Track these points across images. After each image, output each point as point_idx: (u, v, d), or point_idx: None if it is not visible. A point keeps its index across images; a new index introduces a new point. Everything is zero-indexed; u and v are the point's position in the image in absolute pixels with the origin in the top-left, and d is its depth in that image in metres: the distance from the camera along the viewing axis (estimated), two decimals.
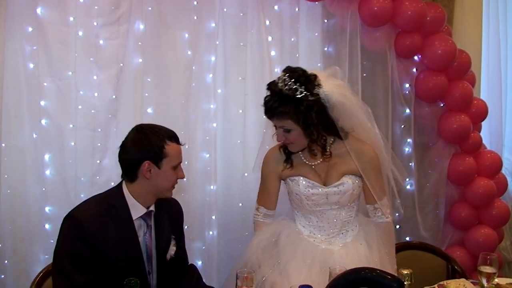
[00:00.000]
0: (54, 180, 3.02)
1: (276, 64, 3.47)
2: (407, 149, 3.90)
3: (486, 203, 3.95)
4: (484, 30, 4.48)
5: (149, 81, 3.17)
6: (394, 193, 2.82)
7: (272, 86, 2.39)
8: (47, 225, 2.98)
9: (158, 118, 3.06)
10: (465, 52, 3.87)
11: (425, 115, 3.90)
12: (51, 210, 2.99)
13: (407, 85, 3.82)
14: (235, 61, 3.39)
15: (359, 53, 3.63)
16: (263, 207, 2.63)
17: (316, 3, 3.55)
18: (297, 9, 3.53)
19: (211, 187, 3.35)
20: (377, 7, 3.52)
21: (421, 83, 3.82)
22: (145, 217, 2.32)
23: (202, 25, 3.28)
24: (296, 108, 2.32)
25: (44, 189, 2.99)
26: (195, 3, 3.25)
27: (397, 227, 3.91)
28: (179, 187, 3.10)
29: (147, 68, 3.15)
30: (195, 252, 3.36)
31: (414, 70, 3.85)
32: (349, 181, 2.47)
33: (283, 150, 2.54)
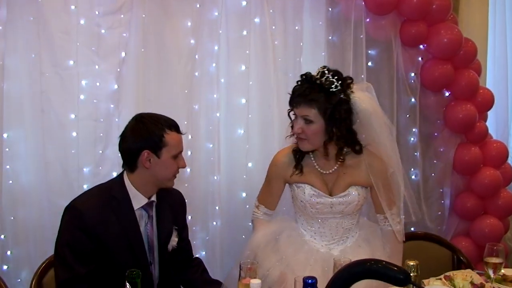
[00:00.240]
0: (57, 170, 3.01)
1: (280, 53, 3.44)
2: (412, 138, 3.87)
3: (492, 193, 3.92)
4: (490, 19, 4.45)
5: (151, 71, 3.14)
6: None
7: (307, 76, 2.38)
8: (49, 216, 2.96)
9: (161, 107, 2.99)
10: (471, 41, 3.83)
11: (431, 104, 3.86)
12: (54, 201, 2.96)
13: (412, 74, 3.79)
14: (238, 50, 3.35)
15: (364, 42, 3.60)
16: (263, 206, 2.62)
17: None
18: None
19: (215, 177, 3.34)
20: None
21: (427, 72, 3.78)
22: (146, 208, 2.31)
23: (205, 13, 3.24)
24: (327, 99, 2.30)
25: (46, 179, 2.97)
26: None
27: (402, 217, 3.88)
28: (182, 177, 3.11)
29: (149, 57, 3.12)
30: (198, 242, 3.35)
31: (420, 59, 3.81)
32: (355, 192, 2.46)
33: (294, 154, 2.50)
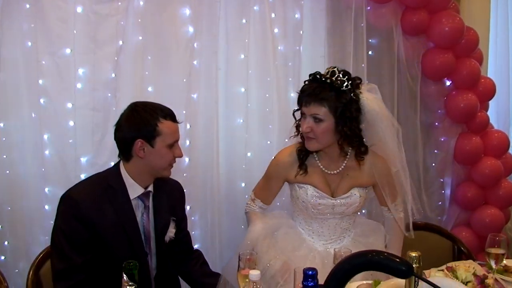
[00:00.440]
0: (54, 160, 2.99)
1: (279, 41, 3.41)
2: (413, 128, 3.83)
3: (492, 183, 3.90)
4: (492, 7, 4.39)
5: (149, 59, 3.11)
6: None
7: (316, 75, 2.36)
8: (46, 206, 2.96)
9: (159, 97, 3.00)
10: (472, 29, 3.79)
11: (432, 93, 3.83)
12: (51, 191, 2.96)
13: (413, 63, 3.75)
14: (237, 39, 3.32)
15: (364, 30, 3.56)
16: (260, 200, 2.60)
17: None
18: None
19: (213, 167, 3.31)
20: None
21: (428, 61, 3.75)
22: (142, 197, 2.30)
23: (204, 1, 3.20)
24: (338, 98, 2.29)
25: (43, 169, 2.96)
26: None
27: (410, 207, 3.87)
28: (180, 167, 3.09)
29: (147, 45, 3.09)
30: (197, 233, 3.34)
31: (421, 47, 3.77)
32: (357, 193, 2.47)
33: (298, 153, 2.48)
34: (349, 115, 2.31)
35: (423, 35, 3.73)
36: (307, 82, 2.39)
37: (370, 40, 3.67)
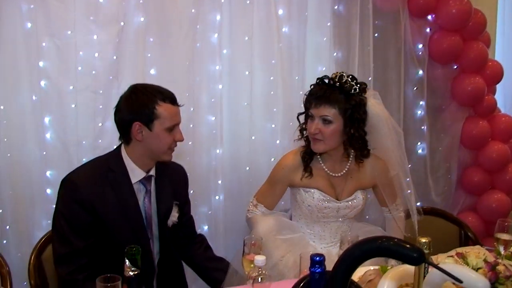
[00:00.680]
0: (55, 143, 2.95)
1: (283, 23, 3.35)
2: (419, 112, 3.81)
3: (499, 168, 3.88)
4: None
5: (151, 41, 3.05)
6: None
7: (324, 79, 2.42)
8: (48, 190, 2.92)
9: (161, 79, 2.96)
10: (480, 12, 3.73)
11: (438, 76, 3.79)
12: (52, 174, 2.92)
13: (420, 46, 3.71)
14: (241, 20, 3.25)
15: (370, 12, 3.51)
16: (263, 205, 2.60)
17: None
18: None
19: (217, 150, 3.28)
20: None
21: (435, 43, 3.71)
22: (144, 182, 2.28)
23: None
24: (347, 100, 2.36)
25: (44, 153, 2.91)
26: None
27: (408, 191, 3.84)
28: (183, 151, 3.05)
29: (149, 27, 3.03)
30: (201, 217, 3.31)
31: (428, 30, 3.74)
32: (360, 196, 2.54)
33: (302, 157, 2.51)
34: (357, 117, 2.38)
35: (430, 17, 3.68)
36: (314, 86, 2.44)
37: (376, 22, 3.61)
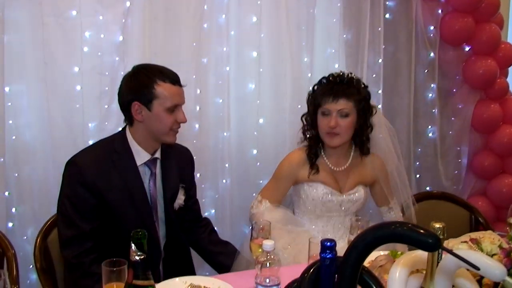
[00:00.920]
0: (61, 126, 2.91)
1: (292, 3, 3.28)
2: (430, 94, 3.77)
3: (510, 152, 3.85)
4: None
5: (158, 22, 3.00)
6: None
7: (335, 74, 2.52)
8: (54, 173, 2.88)
9: (168, 60, 2.89)
10: None
11: (450, 59, 3.75)
12: (58, 157, 2.88)
13: (431, 27, 3.67)
14: (249, 1, 3.20)
15: None
16: (268, 201, 2.59)
17: None
18: None
19: (224, 133, 3.24)
20: None
21: (447, 25, 3.67)
22: (149, 164, 2.26)
23: None
24: (359, 93, 2.48)
25: (50, 135, 2.88)
26: None
27: (417, 176, 3.82)
28: (190, 134, 3.03)
29: (155, 7, 2.97)
30: (207, 201, 3.28)
31: (440, 11, 3.69)
32: (362, 190, 2.60)
33: (308, 155, 2.56)
34: (367, 109, 2.50)
35: None
36: (324, 82, 2.51)
37: (388, 3, 3.56)
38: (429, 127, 3.79)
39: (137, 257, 1.34)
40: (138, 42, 2.96)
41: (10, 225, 2.86)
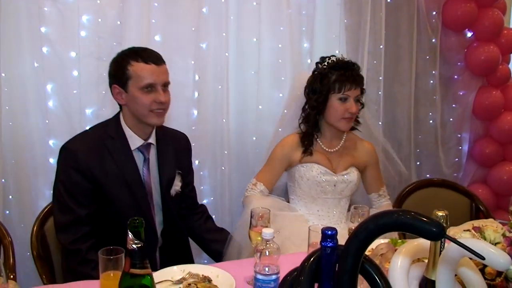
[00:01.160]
0: (58, 112, 2.88)
1: None
2: (431, 81, 3.74)
3: (511, 140, 3.81)
4: None
5: (156, 6, 2.96)
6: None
7: (341, 59, 2.58)
8: (51, 159, 2.87)
9: (166, 46, 2.90)
10: None
11: (452, 45, 3.72)
12: (55, 143, 2.86)
13: (433, 13, 3.62)
14: None
15: None
16: (262, 183, 2.62)
17: None
18: None
19: (223, 120, 3.20)
20: None
21: (449, 10, 3.62)
22: (142, 149, 2.25)
23: None
24: (362, 79, 2.61)
25: (47, 121, 2.85)
26: None
27: (417, 163, 3.79)
28: (189, 120, 3.00)
29: None
30: (206, 188, 3.27)
31: None
32: (355, 172, 2.65)
33: (302, 140, 2.61)
34: (364, 92, 2.62)
35: None
36: (338, 68, 2.52)
37: None
38: (430, 114, 3.76)
39: (134, 246, 1.31)
40: (136, 27, 2.91)
41: (7, 212, 2.84)
